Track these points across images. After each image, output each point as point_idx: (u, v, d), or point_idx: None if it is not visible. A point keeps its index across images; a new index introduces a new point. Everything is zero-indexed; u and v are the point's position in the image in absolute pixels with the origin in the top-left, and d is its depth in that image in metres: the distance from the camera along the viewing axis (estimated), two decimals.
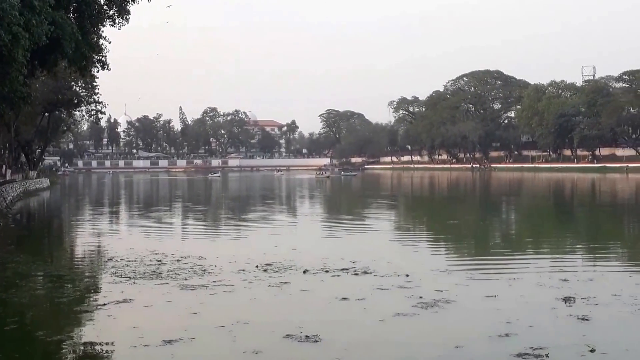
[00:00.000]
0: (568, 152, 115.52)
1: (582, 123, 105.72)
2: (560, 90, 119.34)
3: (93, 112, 59.39)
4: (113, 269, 13.42)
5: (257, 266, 13.41)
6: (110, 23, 25.58)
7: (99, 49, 26.34)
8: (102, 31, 26.23)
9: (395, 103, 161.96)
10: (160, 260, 14.42)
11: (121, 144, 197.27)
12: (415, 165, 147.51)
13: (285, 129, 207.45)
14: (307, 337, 8.16)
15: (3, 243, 19.42)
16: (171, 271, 12.98)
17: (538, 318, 9.04)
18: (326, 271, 12.87)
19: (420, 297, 10.26)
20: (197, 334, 8.43)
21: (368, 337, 8.39)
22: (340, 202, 43.42)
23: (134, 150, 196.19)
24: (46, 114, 58.86)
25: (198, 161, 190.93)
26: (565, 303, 9.89)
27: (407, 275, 12.18)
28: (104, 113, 61.88)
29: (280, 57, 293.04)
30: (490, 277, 12.47)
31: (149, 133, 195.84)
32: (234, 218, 29.73)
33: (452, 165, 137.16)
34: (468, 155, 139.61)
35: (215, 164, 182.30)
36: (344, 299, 10.38)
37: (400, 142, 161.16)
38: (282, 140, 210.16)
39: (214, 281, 11.92)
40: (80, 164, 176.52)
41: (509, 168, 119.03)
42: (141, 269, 13.29)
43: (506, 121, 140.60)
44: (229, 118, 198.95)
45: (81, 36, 22.81)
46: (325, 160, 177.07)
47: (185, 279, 12.14)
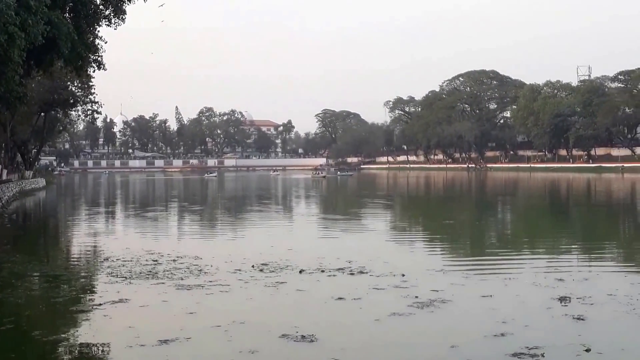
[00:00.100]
0: (564, 152, 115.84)
1: (578, 123, 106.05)
2: (555, 90, 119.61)
3: (89, 112, 59.25)
4: (109, 269, 13.41)
5: (253, 266, 13.41)
6: (107, 23, 25.61)
7: (95, 49, 26.32)
8: (98, 31, 26.29)
9: (391, 103, 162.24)
10: (156, 260, 14.41)
11: (117, 143, 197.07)
12: (411, 165, 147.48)
13: (281, 128, 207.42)
14: (303, 337, 8.16)
15: None
16: (167, 271, 12.97)
17: (534, 318, 9.07)
18: (322, 271, 12.88)
19: (416, 297, 10.27)
20: (193, 333, 8.43)
21: (364, 337, 8.40)
22: (336, 202, 43.39)
23: (130, 150, 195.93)
24: (42, 113, 58.67)
25: (194, 161, 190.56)
26: (560, 303, 9.91)
27: (403, 275, 12.19)
28: (100, 113, 61.82)
29: (277, 58, 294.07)
30: (486, 277, 12.48)
31: (145, 133, 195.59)
32: (230, 218, 29.69)
33: (448, 165, 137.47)
34: (464, 155, 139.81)
35: (212, 164, 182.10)
36: (340, 298, 10.38)
37: (396, 142, 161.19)
38: (278, 140, 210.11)
39: (210, 281, 11.92)
40: (76, 163, 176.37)
41: (505, 168, 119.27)
42: (137, 269, 13.27)
43: (502, 121, 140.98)
44: (225, 118, 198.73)
45: (77, 36, 22.82)
46: (322, 160, 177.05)
47: (182, 279, 12.13)
